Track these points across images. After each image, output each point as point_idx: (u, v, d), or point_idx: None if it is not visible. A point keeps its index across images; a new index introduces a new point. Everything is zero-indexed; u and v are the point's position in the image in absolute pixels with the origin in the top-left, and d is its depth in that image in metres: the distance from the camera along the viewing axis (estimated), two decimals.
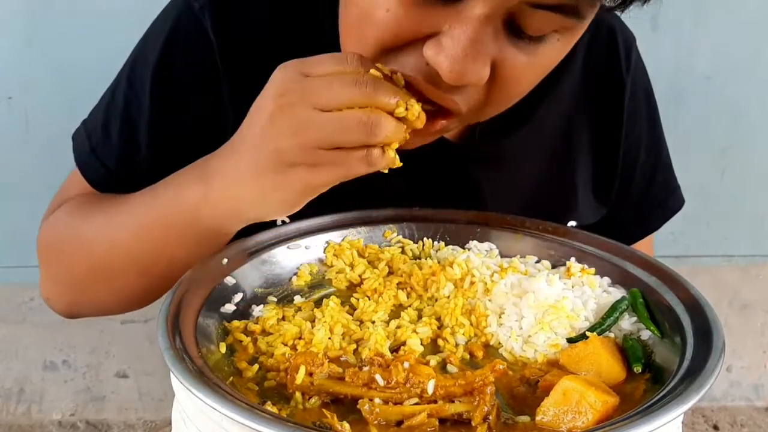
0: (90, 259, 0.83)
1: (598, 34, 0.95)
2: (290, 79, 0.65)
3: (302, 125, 0.63)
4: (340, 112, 0.63)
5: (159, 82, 0.85)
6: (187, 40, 0.85)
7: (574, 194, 0.95)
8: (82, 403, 1.99)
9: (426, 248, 0.82)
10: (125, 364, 1.98)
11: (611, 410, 0.57)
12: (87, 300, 0.88)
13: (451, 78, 0.64)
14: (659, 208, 1.05)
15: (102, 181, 0.88)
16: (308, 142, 0.63)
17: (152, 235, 0.78)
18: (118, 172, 0.87)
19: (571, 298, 0.71)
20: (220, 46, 0.84)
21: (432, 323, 0.71)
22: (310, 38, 0.85)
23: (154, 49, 0.86)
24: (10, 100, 1.65)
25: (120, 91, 0.88)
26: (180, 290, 0.67)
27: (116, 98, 0.89)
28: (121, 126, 0.87)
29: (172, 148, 0.83)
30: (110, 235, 0.81)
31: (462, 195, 0.90)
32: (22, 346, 1.93)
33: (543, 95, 0.91)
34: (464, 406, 0.58)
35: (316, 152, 0.64)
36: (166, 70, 0.85)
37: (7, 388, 1.96)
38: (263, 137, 0.66)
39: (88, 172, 0.89)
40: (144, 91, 0.86)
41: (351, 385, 0.59)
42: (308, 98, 0.63)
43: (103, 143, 0.88)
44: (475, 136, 0.89)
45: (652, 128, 1.02)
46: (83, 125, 0.92)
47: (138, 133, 0.86)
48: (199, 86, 0.85)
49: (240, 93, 0.83)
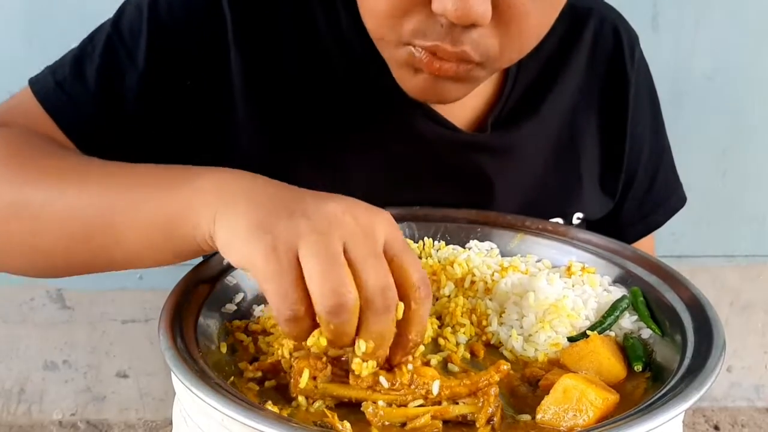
0: (23, 198, 0.69)
1: (603, 31, 0.96)
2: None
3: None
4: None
5: (158, 35, 0.81)
6: (200, 5, 0.83)
7: (580, 187, 0.96)
8: (83, 403, 1.99)
9: (427, 247, 0.82)
10: (126, 364, 1.98)
11: (612, 407, 0.57)
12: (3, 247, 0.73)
13: (456, 17, 0.67)
14: (662, 205, 1.05)
15: (67, 120, 0.79)
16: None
17: (118, 207, 0.66)
18: (94, 115, 0.79)
19: (572, 297, 0.71)
20: (234, 22, 0.83)
21: (433, 322, 0.71)
22: (327, 30, 0.86)
23: (158, 4, 0.82)
24: None
25: (102, 34, 0.83)
26: (181, 290, 0.67)
27: (97, 40, 0.82)
28: (100, 66, 0.80)
29: (164, 109, 0.80)
30: (62, 197, 0.68)
31: (471, 185, 0.90)
32: (23, 346, 1.94)
33: (550, 88, 0.93)
34: (468, 407, 0.58)
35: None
36: (168, 24, 0.82)
37: (7, 388, 1.96)
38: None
39: (51, 105, 0.80)
40: (138, 45, 0.81)
41: (355, 387, 0.59)
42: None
43: (74, 79, 0.81)
44: (487, 128, 0.90)
45: (655, 126, 1.03)
46: (46, 68, 0.84)
47: (123, 82, 0.81)
48: (204, 49, 0.83)
49: (250, 61, 0.84)
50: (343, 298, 0.53)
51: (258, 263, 0.55)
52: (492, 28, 0.71)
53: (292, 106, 0.86)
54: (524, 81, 0.92)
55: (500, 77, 0.92)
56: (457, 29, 0.69)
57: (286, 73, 0.85)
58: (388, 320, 0.56)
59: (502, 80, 0.92)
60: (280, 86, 0.85)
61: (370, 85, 0.86)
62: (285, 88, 0.85)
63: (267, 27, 0.85)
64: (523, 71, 0.92)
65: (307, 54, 0.86)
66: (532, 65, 0.92)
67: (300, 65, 0.86)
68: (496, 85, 0.92)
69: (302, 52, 0.86)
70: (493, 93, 0.92)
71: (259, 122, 0.85)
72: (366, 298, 0.55)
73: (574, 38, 0.95)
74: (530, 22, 0.72)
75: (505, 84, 0.91)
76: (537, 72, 0.93)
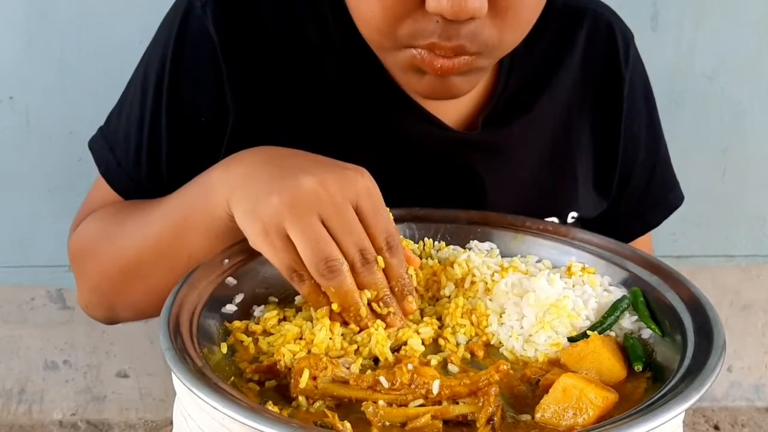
0: (122, 258, 0.85)
1: (597, 29, 0.96)
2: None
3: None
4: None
5: (172, 94, 0.87)
6: (192, 43, 0.86)
7: (574, 187, 0.96)
8: (83, 403, 1.99)
9: (427, 248, 0.82)
10: (126, 364, 1.98)
11: (611, 406, 0.57)
12: (123, 302, 0.88)
13: (453, 13, 0.68)
14: (659, 204, 1.05)
15: (129, 190, 0.91)
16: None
17: (176, 229, 0.79)
18: (144, 180, 0.90)
19: (572, 298, 0.71)
20: (221, 43, 0.84)
21: (433, 323, 0.71)
22: (315, 34, 0.86)
23: (163, 57, 0.87)
24: (11, 99, 1.65)
25: (136, 102, 0.90)
26: (181, 290, 0.67)
27: (133, 109, 0.91)
28: (139, 139, 0.90)
29: (189, 148, 0.86)
30: (140, 233, 0.83)
31: (462, 183, 0.91)
32: (23, 346, 1.94)
33: (543, 87, 0.93)
34: (468, 407, 0.58)
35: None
36: (176, 78, 0.87)
37: (8, 388, 1.96)
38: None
39: (116, 184, 0.92)
40: (159, 105, 0.88)
41: (355, 388, 0.59)
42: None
43: (127, 156, 0.91)
44: (478, 126, 0.90)
45: (651, 125, 1.02)
46: (102, 136, 0.94)
47: (159, 144, 0.89)
48: (206, 89, 0.86)
49: (241, 89, 0.85)
50: (331, 265, 0.66)
51: (260, 247, 0.69)
52: (489, 19, 0.71)
53: (282, 111, 0.87)
54: (516, 79, 0.92)
55: (492, 76, 0.92)
56: (453, 25, 0.70)
57: (276, 80, 0.87)
58: (373, 271, 0.68)
59: (494, 79, 0.92)
60: (270, 93, 0.87)
61: (360, 87, 0.86)
62: (275, 95, 0.87)
63: (254, 40, 0.86)
64: (515, 70, 0.92)
65: (296, 59, 0.87)
66: (525, 64, 0.92)
67: (289, 71, 0.87)
68: (488, 83, 0.92)
69: (291, 59, 0.87)
70: (484, 91, 0.92)
71: (250, 129, 0.86)
72: (350, 261, 0.67)
73: (569, 37, 0.95)
74: (526, 7, 0.74)
75: (498, 82, 0.91)
76: (530, 70, 0.93)
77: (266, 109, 0.87)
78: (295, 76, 0.87)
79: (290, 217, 0.66)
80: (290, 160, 0.73)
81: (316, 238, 0.66)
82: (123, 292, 0.87)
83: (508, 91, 0.91)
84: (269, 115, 0.87)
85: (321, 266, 0.66)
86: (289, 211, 0.66)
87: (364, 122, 0.88)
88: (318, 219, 0.66)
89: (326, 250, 0.66)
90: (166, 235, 0.80)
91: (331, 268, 0.66)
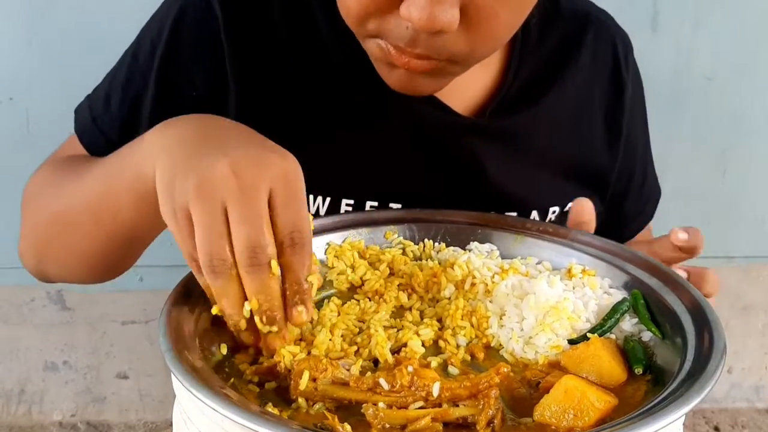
0: (54, 206, 0.84)
1: (601, 34, 0.99)
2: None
3: None
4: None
5: (165, 59, 0.87)
6: (194, 16, 0.86)
7: (571, 183, 0.98)
8: (83, 404, 1.99)
9: (427, 249, 0.82)
10: (126, 365, 1.98)
11: (611, 411, 0.57)
12: (50, 255, 0.87)
13: (422, 25, 0.67)
14: (653, 198, 1.13)
15: (100, 150, 0.88)
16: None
17: (106, 185, 0.77)
18: (118, 142, 0.85)
19: (572, 300, 0.71)
20: (225, 21, 0.85)
21: (433, 324, 0.71)
22: (322, 19, 0.87)
23: (161, 26, 0.87)
24: (11, 100, 1.65)
25: (124, 66, 0.90)
26: (181, 291, 0.67)
27: (120, 72, 0.91)
28: (122, 98, 0.89)
29: (170, 117, 0.84)
30: (75, 185, 0.82)
31: (467, 169, 0.92)
32: (23, 347, 1.94)
33: (552, 82, 0.95)
34: (469, 410, 0.57)
35: None
36: (172, 47, 0.87)
37: (8, 389, 1.96)
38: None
39: (87, 140, 0.91)
40: (150, 68, 0.87)
41: (355, 390, 0.59)
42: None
43: (104, 114, 0.90)
44: (485, 114, 0.92)
45: (645, 126, 1.08)
46: (87, 98, 0.94)
47: (141, 108, 0.88)
48: (204, 64, 0.86)
49: (244, 69, 0.86)
50: (216, 263, 0.59)
51: (170, 226, 0.63)
52: (460, 32, 0.70)
53: (284, 93, 0.87)
54: (526, 72, 0.94)
55: (502, 68, 0.93)
56: (422, 35, 0.69)
57: (280, 63, 0.87)
58: (260, 277, 0.59)
59: (503, 70, 0.93)
60: (276, 80, 0.87)
61: (368, 71, 0.86)
62: (278, 77, 0.87)
63: (260, 23, 0.86)
64: (524, 65, 0.93)
65: (301, 43, 0.87)
66: (534, 60, 0.94)
67: (294, 54, 0.87)
68: (497, 74, 0.93)
69: (296, 42, 0.87)
70: (493, 82, 0.93)
71: (251, 111, 0.86)
72: (237, 259, 0.59)
73: (576, 40, 0.97)
74: (500, 22, 0.72)
75: (507, 74, 0.93)
76: (539, 66, 0.95)
77: (268, 92, 0.87)
78: (299, 60, 0.87)
79: (194, 201, 0.60)
80: (221, 132, 0.68)
81: (210, 228, 0.59)
82: (51, 242, 0.86)
83: (517, 83, 0.93)
84: (271, 98, 0.87)
85: (206, 263, 0.59)
86: (195, 194, 0.60)
87: (370, 105, 0.89)
88: (220, 206, 0.59)
89: (216, 244, 0.59)
90: (96, 189, 0.78)
91: (215, 267, 0.59)
